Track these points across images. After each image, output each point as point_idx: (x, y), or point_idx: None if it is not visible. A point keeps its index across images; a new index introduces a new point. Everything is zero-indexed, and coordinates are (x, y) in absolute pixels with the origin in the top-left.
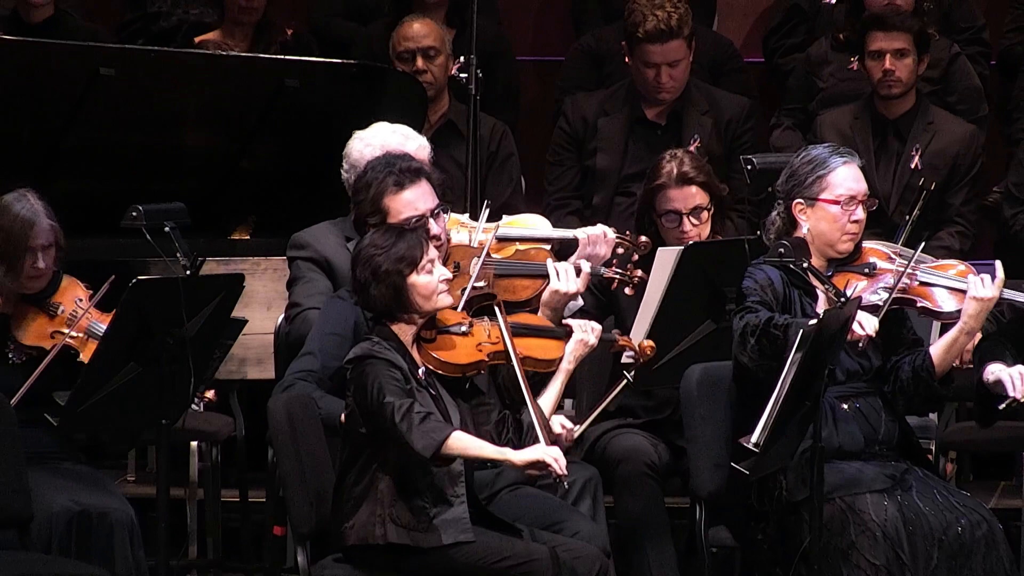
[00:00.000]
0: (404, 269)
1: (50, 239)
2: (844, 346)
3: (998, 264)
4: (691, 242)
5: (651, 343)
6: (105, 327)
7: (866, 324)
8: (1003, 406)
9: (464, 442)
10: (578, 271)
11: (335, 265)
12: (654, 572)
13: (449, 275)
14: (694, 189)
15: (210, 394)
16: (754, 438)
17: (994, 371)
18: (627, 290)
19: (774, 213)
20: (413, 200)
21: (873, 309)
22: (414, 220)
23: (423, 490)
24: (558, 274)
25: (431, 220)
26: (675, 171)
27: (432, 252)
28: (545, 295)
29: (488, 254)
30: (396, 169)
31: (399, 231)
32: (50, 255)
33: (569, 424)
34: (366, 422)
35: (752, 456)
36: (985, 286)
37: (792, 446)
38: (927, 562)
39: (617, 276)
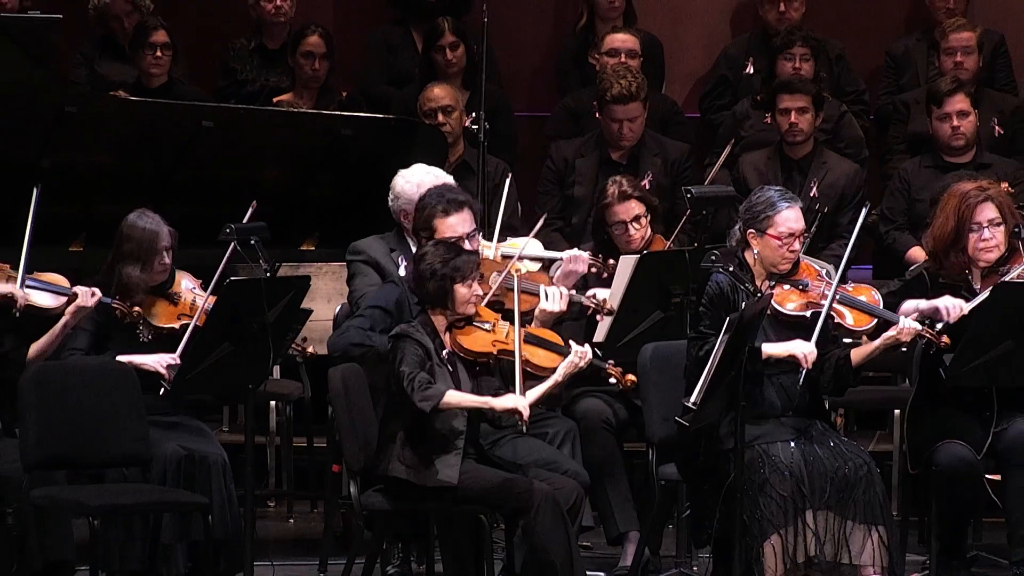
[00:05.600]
0: (456, 277)
1: (170, 242)
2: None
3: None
4: (645, 252)
5: (633, 377)
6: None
7: (809, 357)
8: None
9: (456, 397)
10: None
11: (382, 266)
12: (612, 501)
13: (480, 292)
14: (633, 203)
15: (311, 349)
16: (692, 398)
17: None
18: (598, 317)
19: (736, 227)
20: (455, 224)
21: (799, 319)
22: (453, 239)
23: (427, 440)
24: (547, 296)
25: (467, 240)
26: (616, 191)
27: (476, 273)
28: (537, 311)
29: (510, 272)
30: (445, 199)
31: (460, 249)
32: (171, 253)
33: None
34: (393, 383)
35: (691, 412)
36: (908, 330)
37: (722, 405)
38: (822, 494)
39: (593, 305)
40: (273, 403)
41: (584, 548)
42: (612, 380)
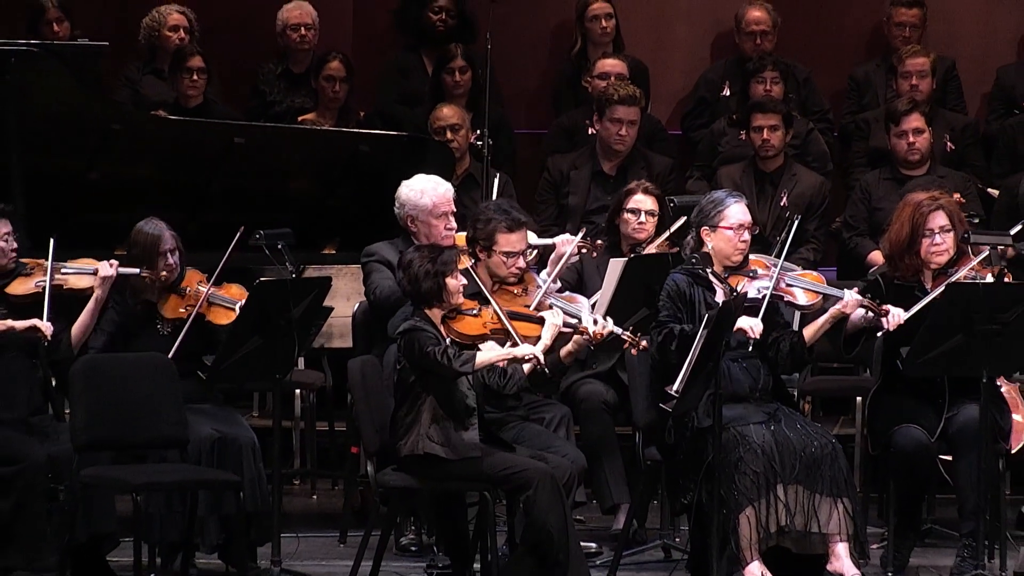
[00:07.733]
0: (445, 271)
1: (173, 244)
2: (736, 333)
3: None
4: (632, 255)
5: (645, 343)
6: (222, 296)
7: (755, 328)
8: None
9: (485, 355)
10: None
11: (394, 266)
12: (608, 478)
13: (465, 282)
14: (652, 199)
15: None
16: (675, 386)
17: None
18: (633, 351)
19: (690, 236)
20: (515, 241)
21: (754, 302)
22: (512, 255)
23: (449, 418)
24: (593, 322)
25: (521, 256)
26: (643, 185)
27: (458, 264)
28: (577, 336)
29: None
30: (510, 217)
31: (440, 249)
32: (175, 255)
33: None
34: (414, 371)
35: (673, 399)
36: (853, 302)
37: (701, 393)
38: (791, 471)
39: (627, 338)
40: (298, 391)
41: (578, 522)
42: (585, 337)
